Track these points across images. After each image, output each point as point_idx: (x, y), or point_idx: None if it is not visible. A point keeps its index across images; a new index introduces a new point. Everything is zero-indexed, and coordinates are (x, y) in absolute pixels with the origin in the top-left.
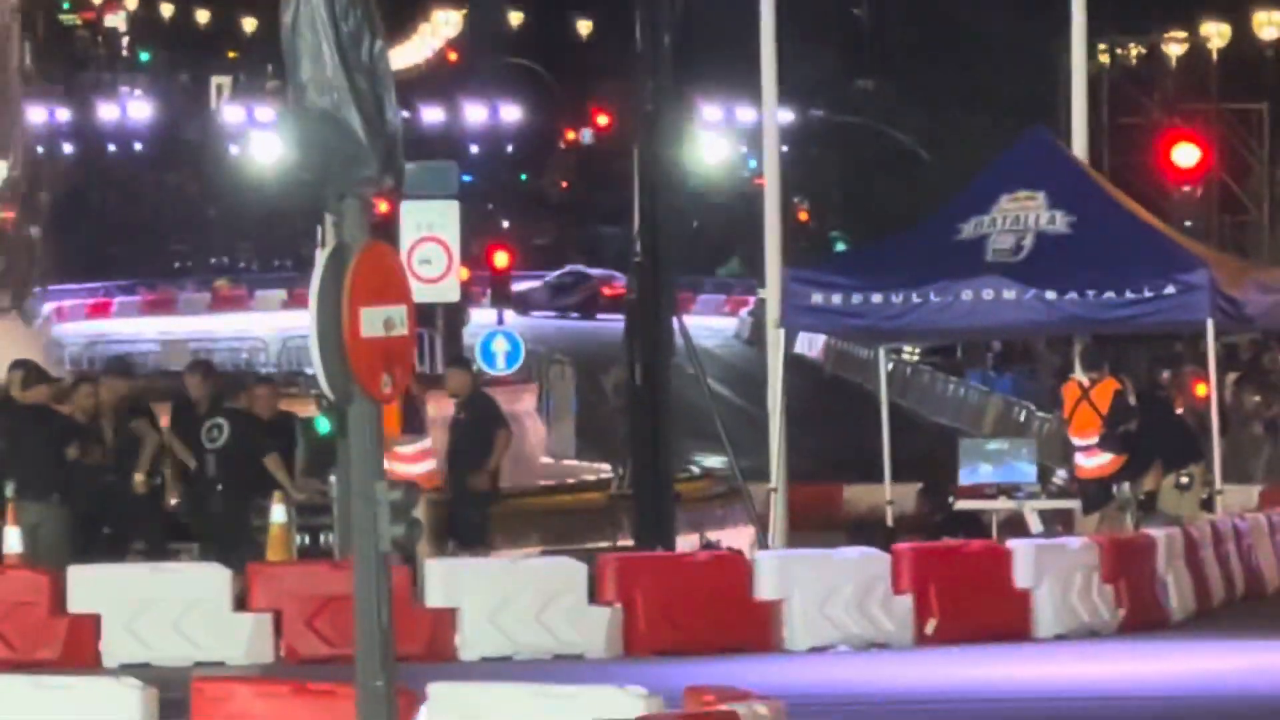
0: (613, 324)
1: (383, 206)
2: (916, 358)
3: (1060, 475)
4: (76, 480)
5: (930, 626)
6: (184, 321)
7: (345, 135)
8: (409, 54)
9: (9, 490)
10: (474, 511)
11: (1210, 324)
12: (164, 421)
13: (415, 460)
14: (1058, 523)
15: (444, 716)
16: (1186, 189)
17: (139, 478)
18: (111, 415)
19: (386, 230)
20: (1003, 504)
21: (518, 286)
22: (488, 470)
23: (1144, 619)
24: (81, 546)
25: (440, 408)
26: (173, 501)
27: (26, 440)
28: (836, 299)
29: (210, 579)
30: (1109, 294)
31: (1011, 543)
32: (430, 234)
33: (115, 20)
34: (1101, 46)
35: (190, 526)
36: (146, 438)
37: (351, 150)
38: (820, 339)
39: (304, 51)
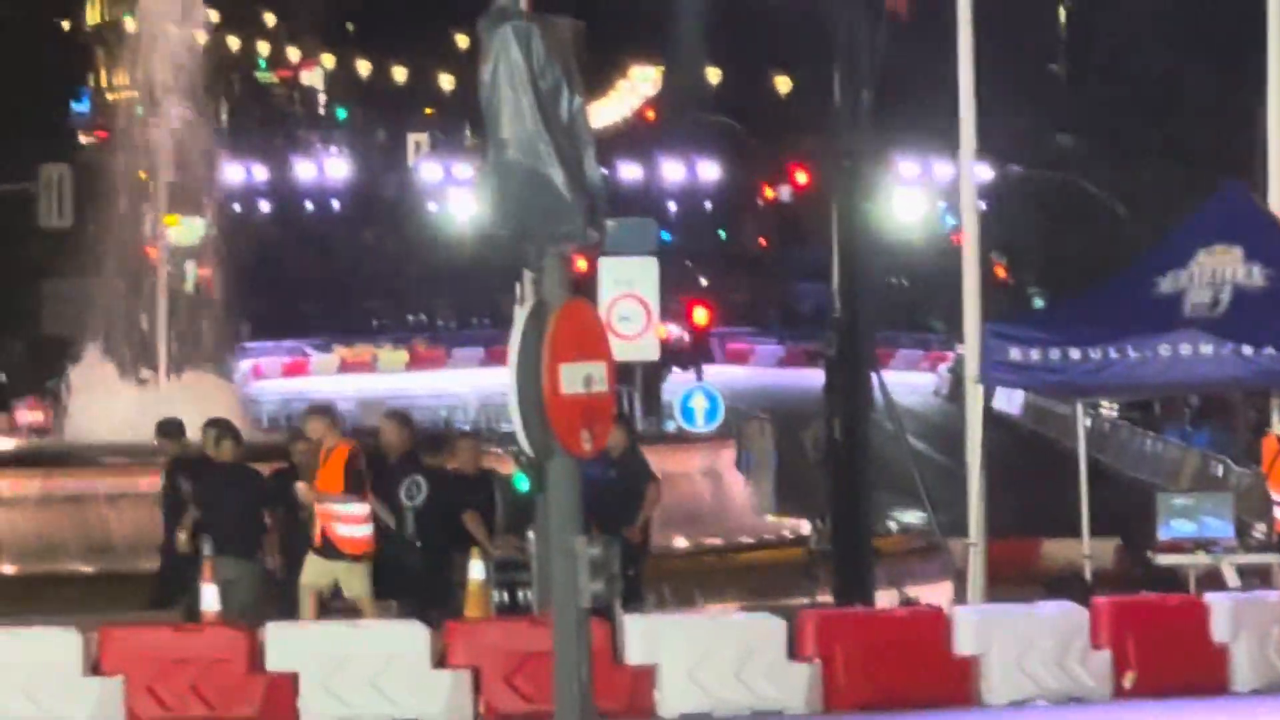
0: (812, 379)
1: (582, 264)
2: (1114, 413)
3: (1259, 530)
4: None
5: (1128, 680)
6: (382, 379)
7: (547, 191)
8: (607, 111)
9: (207, 548)
10: (627, 565)
11: None
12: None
13: (357, 522)
14: (1256, 577)
15: None
16: None
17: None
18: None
19: (586, 287)
20: (1200, 559)
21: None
22: (639, 525)
23: None
24: (278, 604)
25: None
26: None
27: (224, 499)
28: (1035, 354)
29: (409, 636)
30: None
31: (1209, 597)
32: (629, 291)
33: (312, 78)
34: None
35: (388, 584)
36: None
37: (554, 206)
38: (1019, 394)
39: (503, 108)
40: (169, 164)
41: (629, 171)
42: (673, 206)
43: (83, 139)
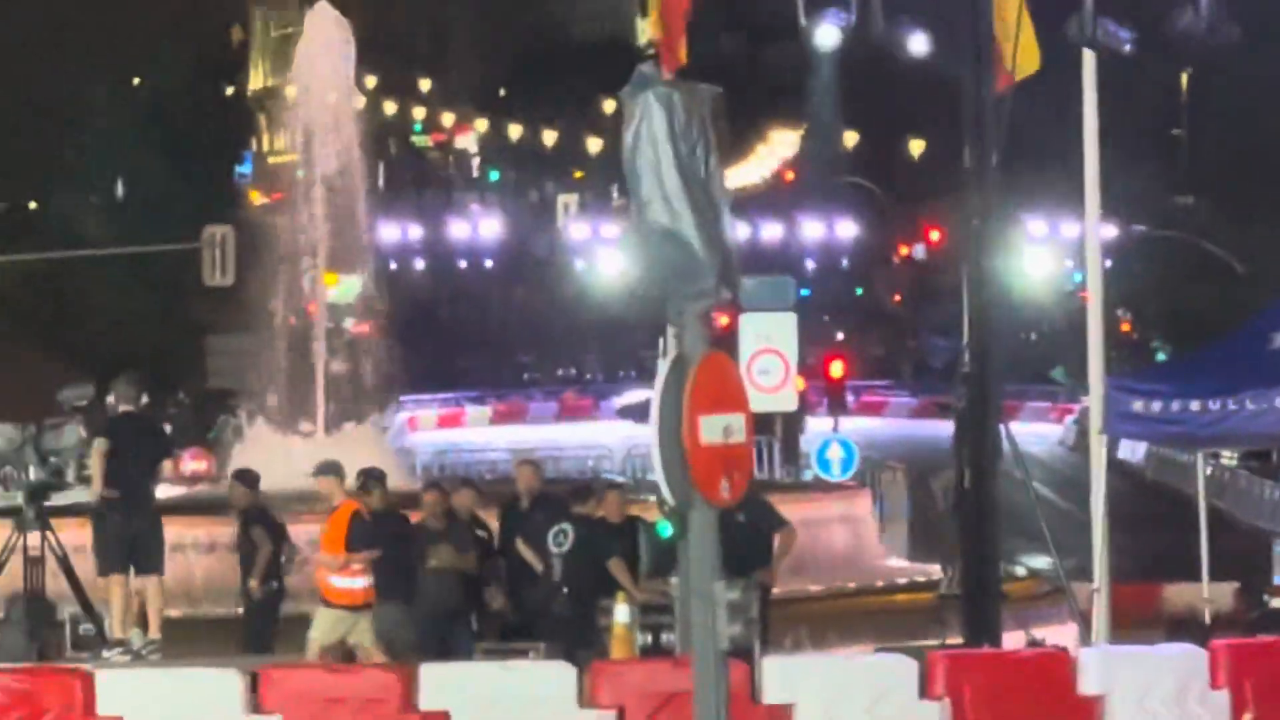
0: (943, 430)
1: (724, 319)
2: (1234, 462)
3: None
4: (427, 583)
5: (1247, 719)
6: (533, 431)
7: (684, 251)
8: (747, 173)
9: None
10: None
11: None
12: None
13: (353, 575)
14: None
15: None
16: None
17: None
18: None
19: (727, 341)
20: None
21: (627, 399)
22: (773, 569)
23: None
24: (432, 647)
25: None
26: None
27: (379, 545)
28: (1156, 406)
29: (557, 677)
30: None
31: None
32: (768, 345)
33: (465, 141)
34: None
35: (535, 627)
36: (262, 547)
37: (689, 265)
38: (1142, 445)
39: (645, 169)
40: (327, 224)
41: (769, 231)
42: (811, 264)
43: (248, 200)
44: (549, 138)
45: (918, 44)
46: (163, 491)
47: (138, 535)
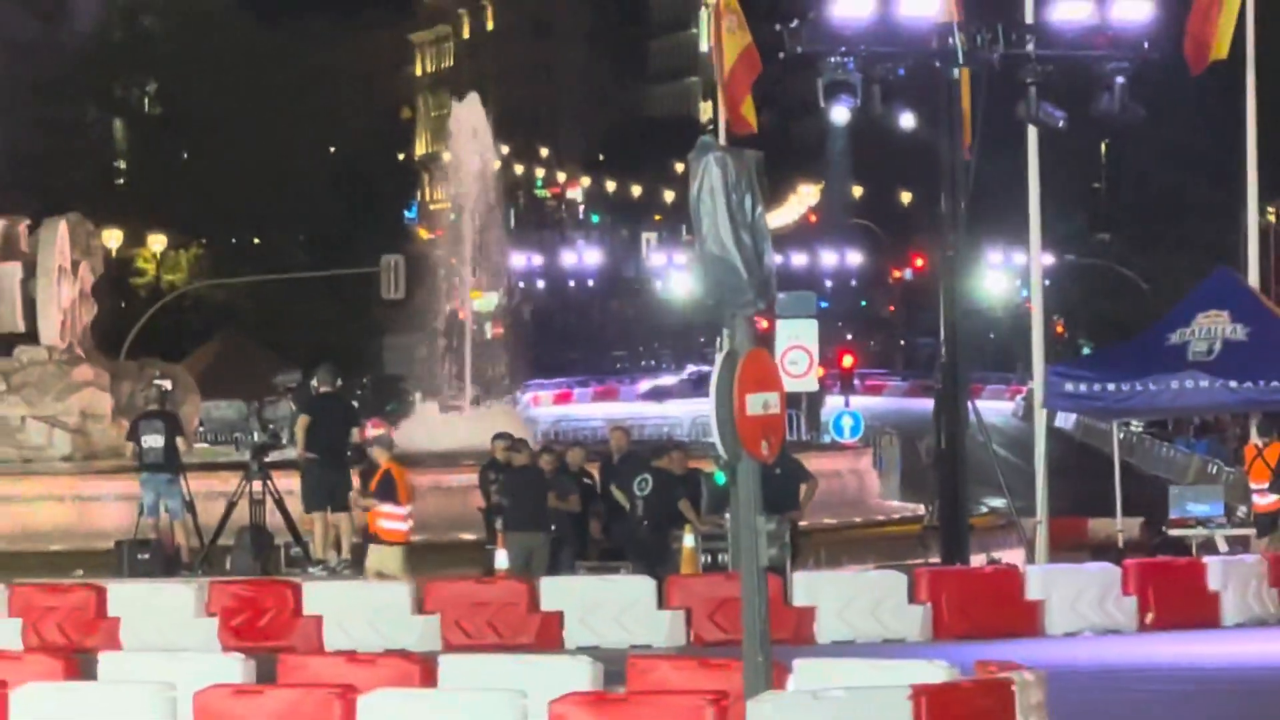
0: (926, 406)
1: (763, 324)
2: (1140, 428)
3: (1241, 511)
4: (555, 517)
5: (1149, 618)
6: (624, 406)
7: (733, 274)
8: (782, 216)
9: (499, 524)
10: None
11: None
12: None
13: (392, 519)
14: (1239, 545)
15: (806, 682)
16: None
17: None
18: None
19: (767, 340)
20: (1200, 532)
21: (657, 382)
22: (801, 509)
23: None
24: (553, 565)
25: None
26: None
27: (520, 490)
28: (1083, 387)
29: (641, 586)
30: (1275, 383)
31: (1206, 559)
32: (797, 343)
33: (574, 193)
34: (1270, 208)
35: (625, 549)
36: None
37: (737, 284)
38: (1072, 416)
39: (705, 213)
40: (473, 254)
41: (797, 258)
42: (828, 283)
43: (415, 236)
44: (635, 190)
45: (907, 120)
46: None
47: (334, 484)
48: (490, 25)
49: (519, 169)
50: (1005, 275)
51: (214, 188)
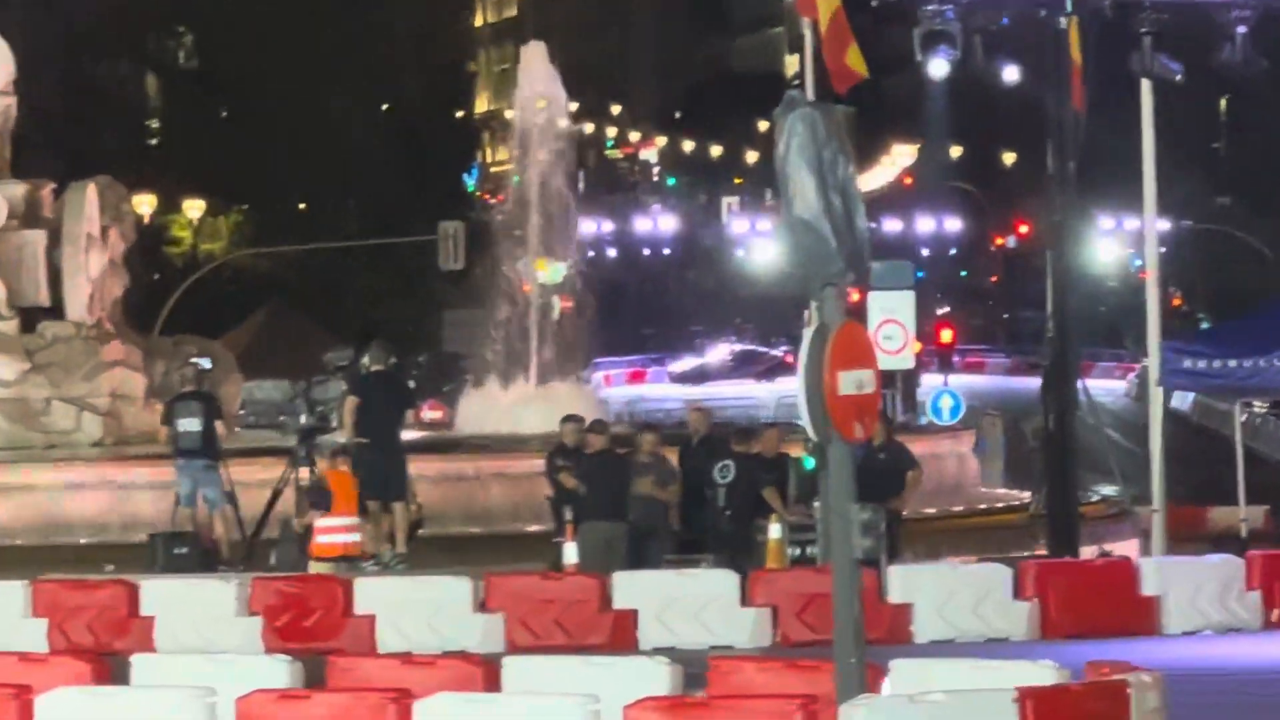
0: (1032, 384)
1: (854, 296)
2: (1264, 409)
3: None
4: (642, 506)
5: (1275, 615)
6: (703, 387)
7: (821, 241)
8: (874, 179)
9: (568, 514)
10: (891, 526)
11: None
12: None
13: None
14: None
15: (903, 685)
16: None
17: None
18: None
19: (859, 314)
20: None
21: (696, 361)
22: (905, 498)
23: None
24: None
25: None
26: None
27: (597, 476)
28: (1202, 364)
29: (723, 581)
30: None
31: None
32: (891, 317)
33: (648, 154)
34: None
35: (705, 541)
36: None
37: (825, 252)
38: (1189, 395)
39: (792, 174)
40: (539, 220)
41: (891, 225)
42: (925, 252)
43: (475, 202)
44: (715, 151)
45: (1010, 74)
46: (408, 434)
47: (387, 472)
48: None
49: (589, 128)
50: (1117, 243)
51: (256, 149)
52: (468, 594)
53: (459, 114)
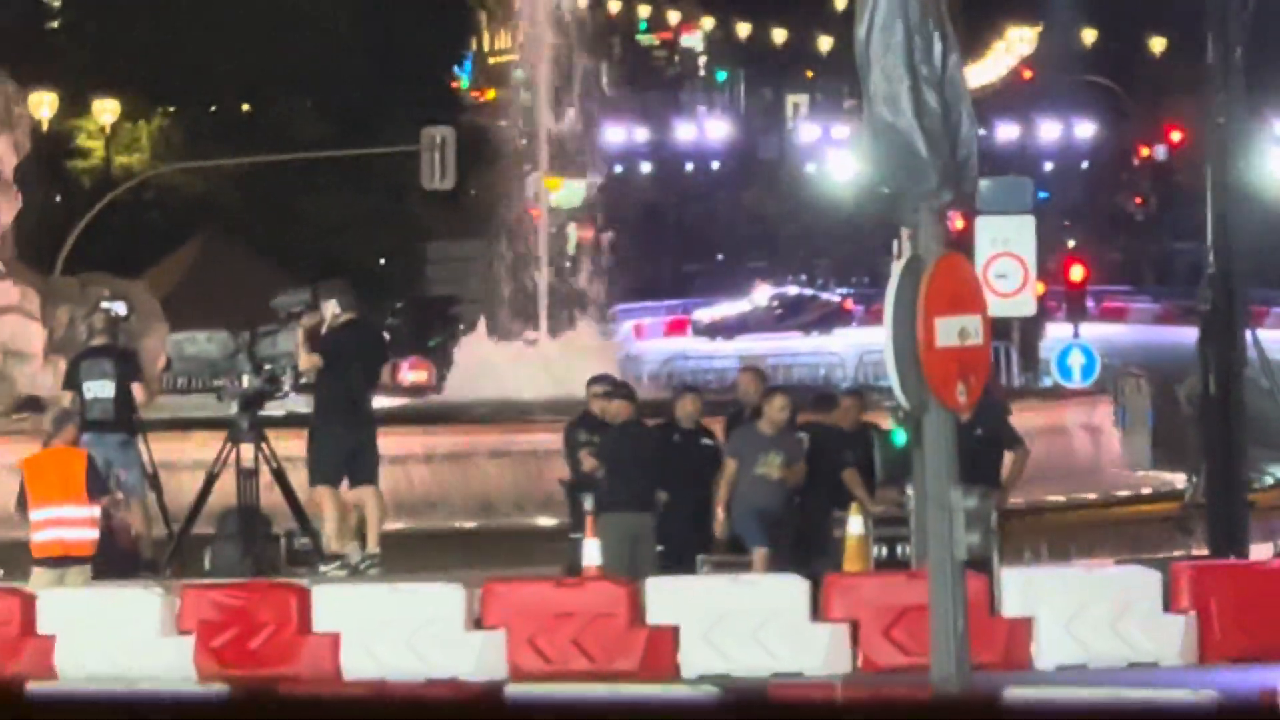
0: (1187, 336)
1: (959, 223)
2: None
3: None
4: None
5: None
6: (760, 339)
7: (913, 151)
8: (984, 72)
9: (588, 504)
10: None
11: None
12: None
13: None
14: None
15: None
16: None
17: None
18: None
19: (963, 245)
20: None
21: (733, 309)
22: (1004, 492)
23: None
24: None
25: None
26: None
27: (618, 456)
28: None
29: (788, 589)
30: None
31: None
32: (1006, 249)
33: (692, 40)
34: None
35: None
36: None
37: (913, 163)
38: None
39: (875, 63)
40: (550, 127)
41: (1005, 132)
42: (1049, 166)
43: (468, 102)
44: (778, 36)
45: None
46: (382, 401)
47: (356, 447)
48: None
49: (614, 6)
50: None
51: (188, 37)
52: (459, 606)
53: None
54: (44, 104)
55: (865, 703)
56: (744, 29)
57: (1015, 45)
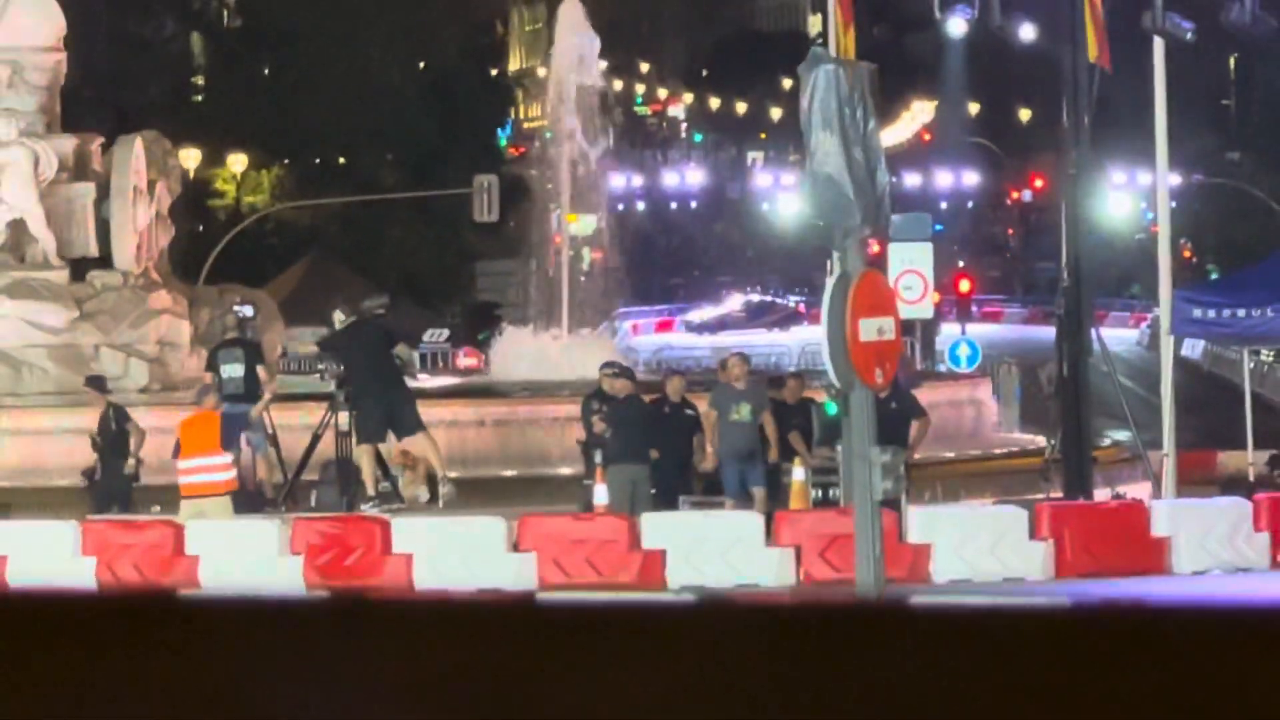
0: (1047, 333)
1: (875, 247)
2: (1271, 356)
3: None
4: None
5: None
6: (728, 335)
7: (841, 193)
8: (895, 134)
9: (598, 458)
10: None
11: None
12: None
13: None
14: None
15: None
16: None
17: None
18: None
19: (879, 264)
20: None
21: (715, 312)
22: (911, 448)
23: None
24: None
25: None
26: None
27: (623, 420)
28: (1211, 313)
29: (748, 522)
30: None
31: None
32: (911, 268)
33: (676, 110)
34: None
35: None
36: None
37: (847, 204)
38: (1200, 343)
39: (816, 128)
40: (570, 175)
41: (910, 179)
42: (943, 205)
43: (507, 155)
44: (740, 107)
45: (1026, 31)
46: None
47: (390, 409)
48: None
49: (618, 85)
50: (1130, 197)
51: (297, 105)
52: (501, 534)
53: (493, 71)
54: (190, 158)
55: (807, 604)
56: (715, 102)
57: (918, 114)
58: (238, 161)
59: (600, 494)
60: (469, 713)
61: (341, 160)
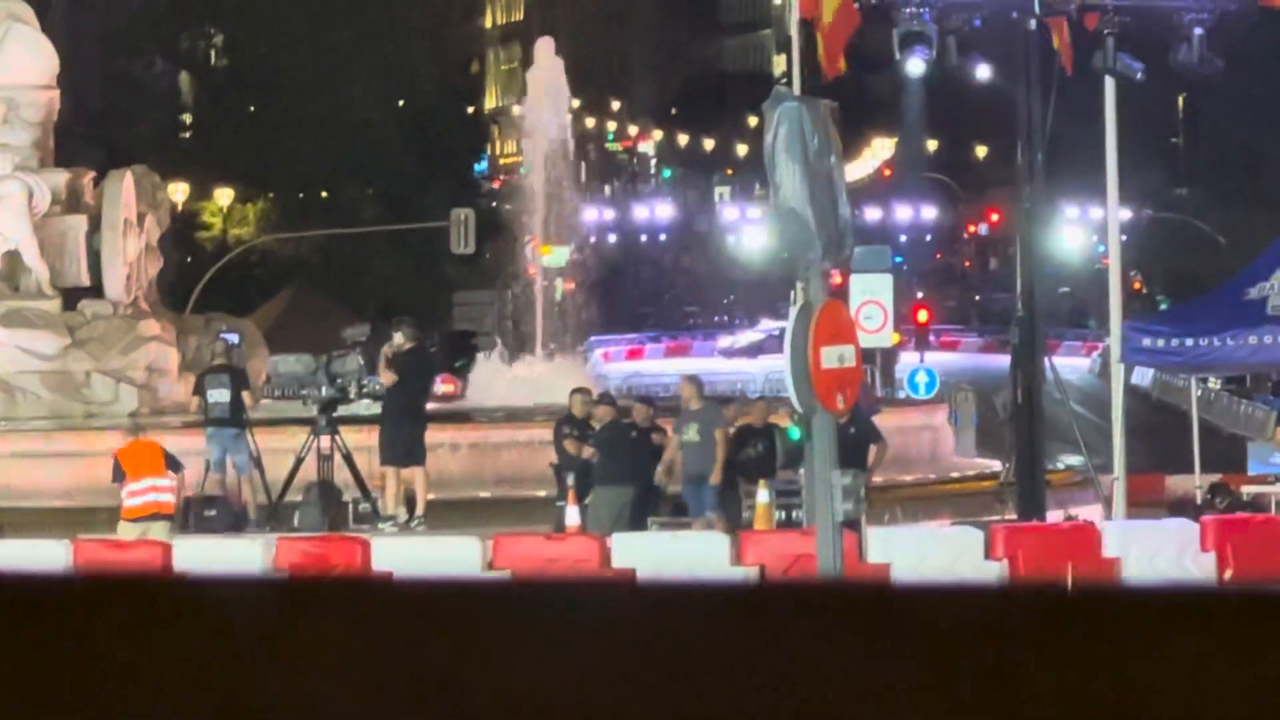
0: (1002, 361)
1: (837, 278)
2: (1218, 385)
3: None
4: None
5: (1228, 575)
6: (696, 362)
7: (803, 227)
8: (857, 170)
9: (569, 480)
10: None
11: None
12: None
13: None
14: None
15: None
16: None
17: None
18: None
19: (841, 294)
20: (1278, 488)
21: (747, 339)
22: (869, 473)
23: None
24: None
25: None
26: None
27: (609, 444)
28: (1161, 342)
29: (714, 542)
30: None
31: None
32: (871, 298)
33: (646, 146)
34: None
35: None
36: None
37: (808, 237)
38: (1149, 372)
39: (779, 164)
40: (543, 208)
41: (871, 213)
42: (903, 238)
43: (484, 189)
44: (708, 144)
45: (983, 72)
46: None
47: (412, 440)
48: None
49: (590, 122)
50: (1082, 230)
51: (281, 141)
52: (476, 553)
53: (470, 109)
54: (179, 191)
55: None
56: (683, 139)
57: (879, 151)
58: (224, 195)
59: (572, 515)
60: (405, 688)
61: (324, 194)
